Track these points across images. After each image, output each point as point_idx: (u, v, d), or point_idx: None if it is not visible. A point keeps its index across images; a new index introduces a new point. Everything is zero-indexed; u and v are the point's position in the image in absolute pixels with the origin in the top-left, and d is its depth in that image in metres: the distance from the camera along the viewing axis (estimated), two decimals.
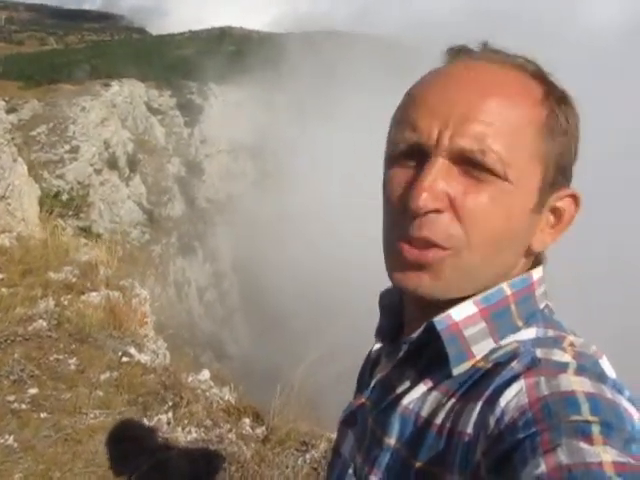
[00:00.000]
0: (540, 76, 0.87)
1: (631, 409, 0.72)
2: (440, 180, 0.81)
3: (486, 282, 0.86)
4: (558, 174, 0.85)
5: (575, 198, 0.88)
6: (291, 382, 4.32)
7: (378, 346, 1.07)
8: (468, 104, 0.82)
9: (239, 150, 63.39)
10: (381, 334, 1.07)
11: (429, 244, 0.83)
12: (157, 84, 61.20)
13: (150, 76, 62.58)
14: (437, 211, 0.81)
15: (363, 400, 1.02)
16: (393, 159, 0.89)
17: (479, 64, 0.87)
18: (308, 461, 3.77)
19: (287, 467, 3.69)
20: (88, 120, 44.07)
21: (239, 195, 57.76)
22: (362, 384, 1.13)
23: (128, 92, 53.05)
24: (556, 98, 0.86)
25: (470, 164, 0.81)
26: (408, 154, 0.86)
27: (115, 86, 51.57)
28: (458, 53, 0.90)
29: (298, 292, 46.75)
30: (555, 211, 0.88)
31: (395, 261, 0.87)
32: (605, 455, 0.63)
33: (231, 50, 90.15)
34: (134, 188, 48.90)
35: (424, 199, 0.80)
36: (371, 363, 1.11)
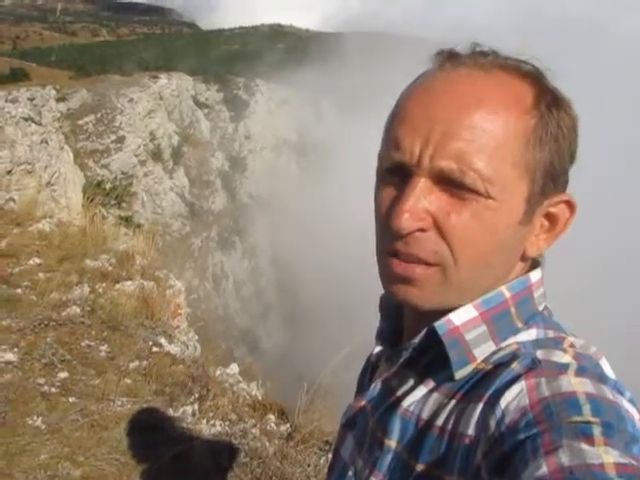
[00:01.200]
0: (533, 77, 0.85)
1: (632, 410, 0.72)
2: (421, 200, 0.81)
3: (477, 293, 0.86)
4: (548, 181, 0.84)
5: (569, 204, 0.86)
6: (318, 380, 4.32)
7: (378, 349, 1.07)
8: (448, 120, 0.81)
9: (283, 147, 63.60)
10: (381, 338, 1.07)
11: (416, 260, 0.83)
12: (204, 78, 61.70)
13: (198, 70, 63.28)
14: (421, 230, 0.82)
15: (363, 403, 1.02)
16: (381, 175, 0.89)
17: (463, 73, 0.84)
18: (330, 461, 3.76)
19: (309, 465, 3.69)
20: (135, 111, 44.58)
21: (281, 192, 57.90)
22: (362, 387, 1.13)
23: (175, 85, 53.56)
24: (547, 103, 0.83)
25: (451, 183, 0.81)
26: (393, 171, 0.86)
27: (163, 79, 52.10)
28: (444, 60, 0.88)
29: (334, 291, 46.75)
30: (549, 216, 0.87)
31: (385, 274, 0.88)
32: (606, 456, 0.63)
33: (280, 47, 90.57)
34: (177, 180, 49.36)
35: (405, 220, 0.80)
36: (371, 366, 1.11)
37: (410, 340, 0.91)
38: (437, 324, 0.85)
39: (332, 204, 52.96)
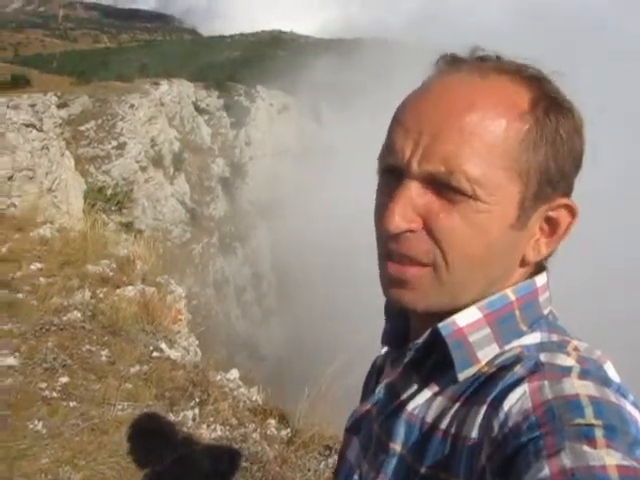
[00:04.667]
0: (532, 82, 0.84)
1: (635, 413, 0.71)
2: (411, 202, 0.82)
3: (470, 296, 0.86)
4: (545, 186, 0.83)
5: (570, 209, 0.86)
6: (319, 385, 4.32)
7: (383, 352, 1.08)
8: (439, 124, 0.81)
9: (284, 154, 63.66)
10: (387, 340, 1.06)
11: (408, 260, 0.84)
12: (205, 85, 61.86)
13: (199, 76, 63.41)
14: (411, 231, 0.83)
15: (368, 407, 1.02)
16: (379, 175, 0.91)
17: (459, 78, 0.85)
18: (330, 465, 3.76)
19: (309, 470, 3.69)
20: (136, 118, 44.66)
21: (282, 199, 57.92)
22: (368, 391, 1.13)
23: (177, 91, 53.68)
24: (544, 107, 0.83)
25: (441, 185, 0.81)
26: (388, 174, 0.87)
27: (164, 85, 52.21)
28: (444, 65, 0.89)
29: (335, 296, 46.74)
30: (550, 221, 0.86)
31: (382, 277, 0.89)
32: (609, 458, 0.63)
33: (280, 54, 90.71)
34: (178, 187, 49.41)
35: (395, 222, 0.82)
36: (377, 370, 1.11)
37: (415, 342, 0.91)
38: (441, 325, 0.85)
39: (333, 209, 52.97)
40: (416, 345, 0.90)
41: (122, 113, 43.58)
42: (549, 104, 0.83)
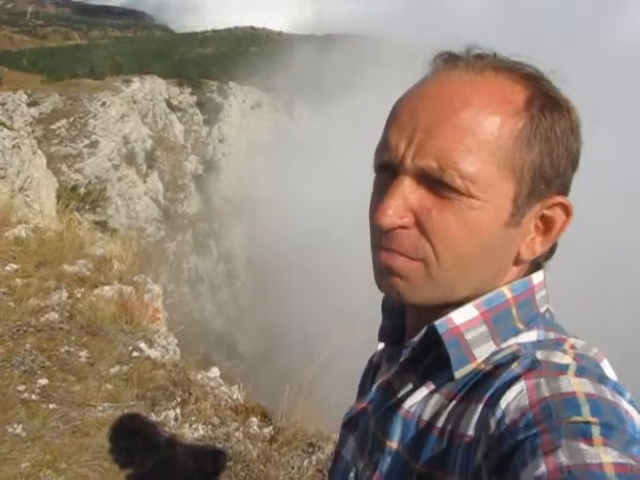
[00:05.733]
0: (528, 79, 0.85)
1: (632, 410, 0.72)
2: (404, 198, 0.83)
3: (464, 292, 0.87)
4: (539, 184, 0.83)
5: (565, 207, 0.85)
6: (300, 383, 4.32)
7: (380, 348, 1.09)
8: (434, 120, 0.82)
9: (257, 150, 63.49)
10: (383, 337, 1.07)
11: (399, 254, 0.85)
12: (178, 81, 61.49)
13: (171, 73, 62.92)
14: (403, 227, 0.83)
15: (364, 404, 1.02)
16: (375, 171, 0.91)
17: (454, 75, 0.85)
18: (314, 463, 3.76)
19: (293, 468, 3.68)
20: (108, 115, 44.36)
21: (256, 195, 57.79)
22: (364, 388, 1.14)
23: (149, 89, 53.34)
24: (540, 105, 0.83)
25: (433, 182, 0.82)
26: (383, 170, 0.88)
27: (136, 82, 51.87)
28: (440, 63, 0.89)
29: (310, 294, 46.78)
30: (545, 219, 0.86)
31: (374, 266, 0.90)
32: (605, 456, 0.63)
33: (253, 50, 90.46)
34: (151, 184, 49.16)
35: (387, 217, 0.82)
36: (373, 367, 1.12)
37: (411, 339, 0.91)
38: (437, 323, 0.85)
39: (307, 206, 53.00)
40: (412, 343, 0.90)
41: (94, 111, 43.27)
42: (545, 102, 0.83)
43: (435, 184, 0.82)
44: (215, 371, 5.10)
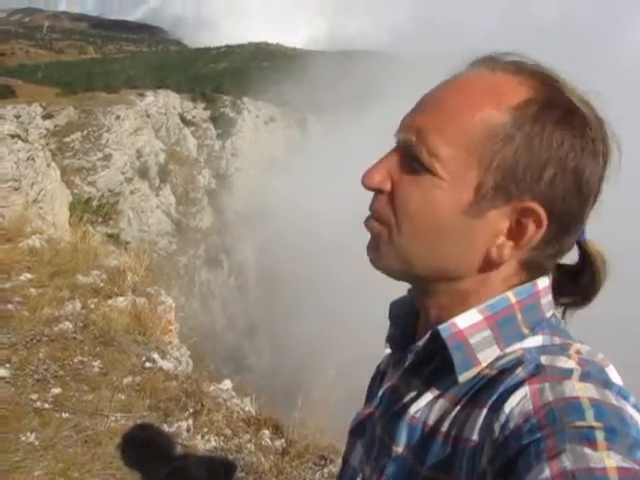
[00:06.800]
0: (542, 86, 0.84)
1: (636, 415, 0.72)
2: (388, 167, 0.90)
3: (422, 268, 0.90)
4: (509, 183, 0.83)
5: (537, 217, 0.83)
6: (312, 396, 4.31)
7: (386, 355, 1.10)
8: (430, 102, 0.89)
9: (270, 165, 63.68)
10: (390, 344, 1.08)
11: (375, 216, 0.92)
12: (192, 96, 61.81)
13: (185, 88, 63.35)
14: (380, 191, 0.90)
15: (371, 410, 1.03)
16: None
17: (471, 71, 0.89)
18: (326, 475, 3.76)
19: None
20: (122, 129, 44.54)
21: (268, 209, 57.90)
22: (371, 394, 1.14)
23: (162, 103, 53.63)
24: (536, 110, 0.82)
25: (411, 156, 0.87)
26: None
27: (150, 96, 52.15)
28: (472, 63, 0.91)
29: (320, 308, 46.70)
30: (519, 226, 0.84)
31: None
32: (609, 461, 0.63)
33: (266, 66, 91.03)
34: (164, 198, 49.29)
35: (368, 178, 0.90)
36: (381, 373, 1.12)
37: (415, 344, 0.92)
38: (441, 327, 0.86)
39: (319, 220, 53.04)
40: (416, 348, 0.91)
41: (108, 124, 43.47)
42: (546, 110, 0.83)
43: (412, 158, 0.86)
44: (227, 383, 5.10)
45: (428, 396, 0.89)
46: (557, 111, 0.82)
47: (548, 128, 0.82)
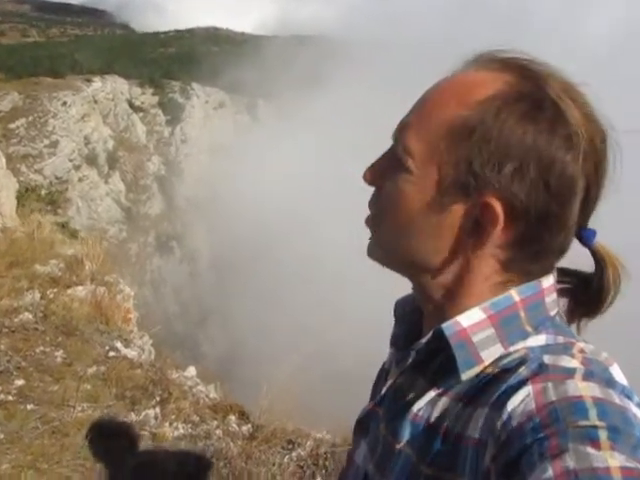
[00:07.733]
0: (517, 78, 0.84)
1: None
2: (381, 164, 0.94)
3: (401, 258, 0.94)
4: (468, 177, 0.83)
5: (492, 211, 0.82)
6: (276, 382, 4.34)
7: (390, 353, 1.10)
8: (417, 102, 0.92)
9: (219, 151, 63.10)
10: (395, 342, 1.08)
11: (370, 209, 0.97)
12: (140, 82, 60.77)
13: (133, 73, 62.18)
14: (374, 187, 0.95)
15: (375, 408, 1.03)
16: None
17: (463, 70, 0.90)
18: (294, 459, 3.79)
19: (273, 464, 3.71)
20: (68, 115, 43.60)
21: (218, 196, 57.43)
22: (376, 392, 1.13)
23: (110, 88, 52.60)
24: (501, 104, 0.82)
25: (395, 154, 0.92)
26: None
27: (97, 82, 51.10)
28: (466, 62, 0.91)
29: (275, 294, 46.65)
30: (477, 221, 0.85)
31: None
32: (612, 460, 0.63)
33: (215, 51, 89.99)
34: (113, 185, 48.53)
35: (364, 174, 0.95)
36: (385, 371, 1.12)
37: (417, 342, 0.93)
38: (444, 325, 0.86)
39: (270, 206, 52.85)
40: (419, 345, 0.91)
41: (54, 110, 42.51)
42: (511, 104, 0.82)
43: (395, 155, 0.91)
44: (192, 370, 5.10)
45: (431, 394, 0.89)
46: (524, 105, 0.81)
47: (509, 122, 0.81)
